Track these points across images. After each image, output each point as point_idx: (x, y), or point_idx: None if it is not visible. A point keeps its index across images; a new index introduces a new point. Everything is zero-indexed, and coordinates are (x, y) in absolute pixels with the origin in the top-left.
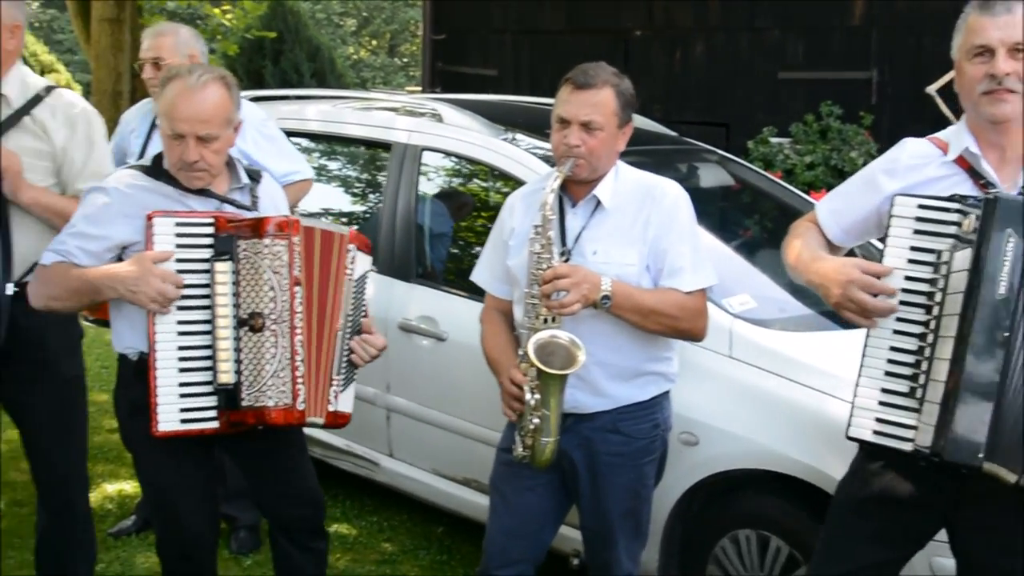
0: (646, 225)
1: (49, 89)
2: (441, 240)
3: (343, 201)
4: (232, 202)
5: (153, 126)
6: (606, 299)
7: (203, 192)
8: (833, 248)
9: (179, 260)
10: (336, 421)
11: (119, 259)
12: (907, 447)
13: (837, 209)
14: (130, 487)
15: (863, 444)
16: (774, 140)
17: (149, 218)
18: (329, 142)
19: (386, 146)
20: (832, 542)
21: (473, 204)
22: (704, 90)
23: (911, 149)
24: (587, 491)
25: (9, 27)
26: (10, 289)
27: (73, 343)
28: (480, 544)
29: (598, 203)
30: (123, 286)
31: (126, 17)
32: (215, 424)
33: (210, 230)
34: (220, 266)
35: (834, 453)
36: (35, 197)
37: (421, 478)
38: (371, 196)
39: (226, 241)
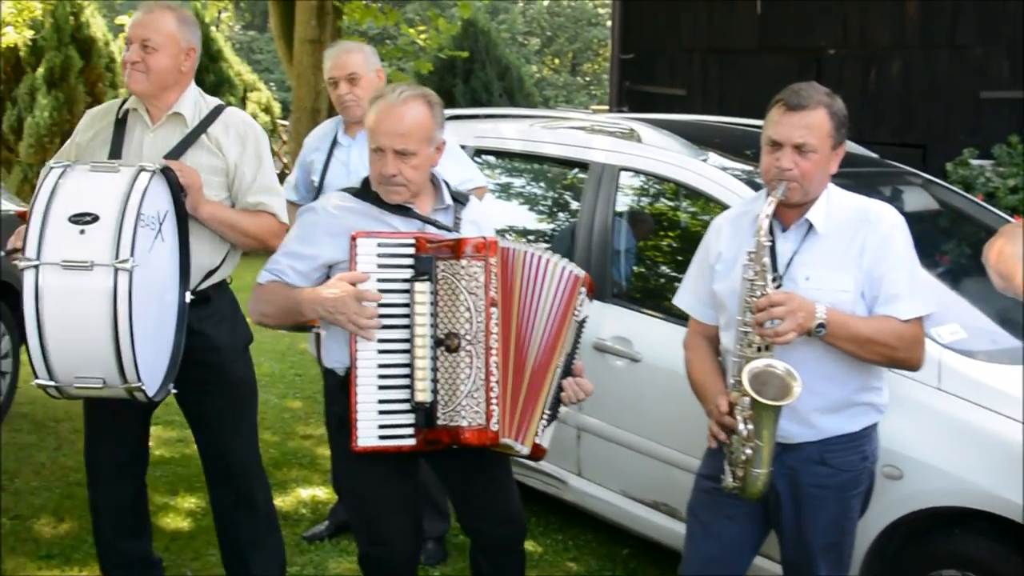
0: (862, 251)
1: (220, 108)
2: (628, 259)
3: (531, 218)
4: (433, 222)
5: (334, 144)
6: (821, 327)
7: (406, 212)
8: None
9: (380, 280)
10: (536, 454)
11: (327, 278)
12: None
13: None
14: (323, 493)
15: None
16: (975, 162)
17: (353, 238)
18: (524, 160)
19: (583, 165)
20: None
21: (653, 224)
22: (900, 110)
23: None
24: (790, 522)
25: (185, 50)
26: (188, 297)
27: (242, 347)
28: (665, 568)
29: (810, 227)
30: (323, 308)
31: (327, 38)
32: (412, 441)
33: (411, 250)
34: (419, 286)
35: None
36: (212, 212)
37: (609, 499)
38: (562, 214)
39: (426, 262)
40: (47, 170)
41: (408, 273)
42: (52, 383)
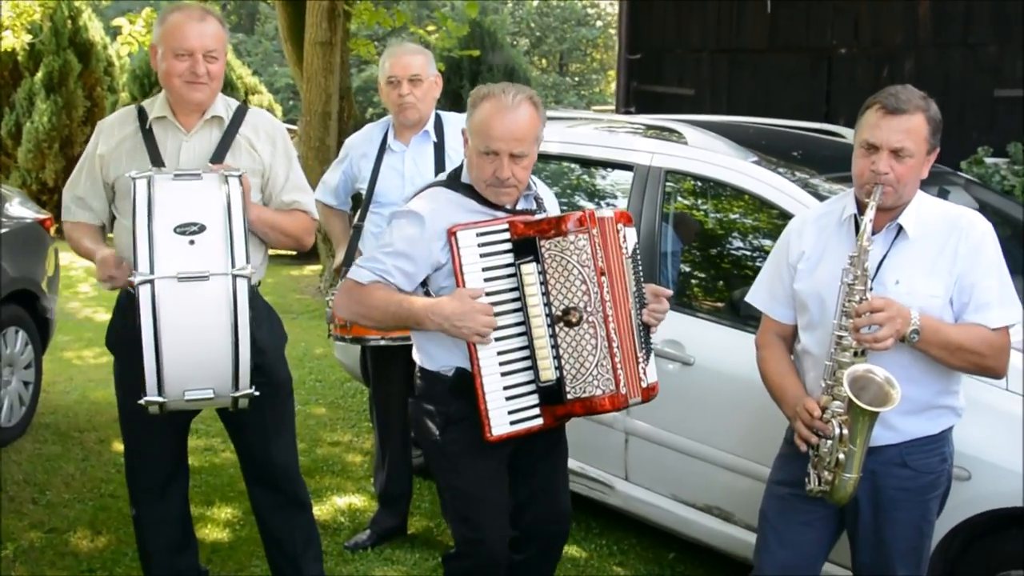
0: (954, 257)
1: (243, 108)
2: (676, 262)
3: None
4: (522, 212)
5: (382, 149)
6: (915, 333)
7: (494, 204)
8: None
9: (485, 268)
10: (650, 395)
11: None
12: None
13: None
14: (359, 500)
15: None
16: (989, 161)
17: (451, 234)
18: (564, 162)
19: (627, 167)
20: None
21: (700, 227)
22: None
23: None
24: (868, 526)
25: (225, 53)
26: None
27: (281, 347)
28: (712, 571)
29: (899, 231)
30: (447, 321)
31: (337, 40)
32: (540, 421)
33: (507, 235)
34: (526, 267)
35: None
36: (257, 214)
37: (659, 503)
38: None
39: (528, 243)
40: (130, 183)
41: (510, 257)
42: (159, 399)
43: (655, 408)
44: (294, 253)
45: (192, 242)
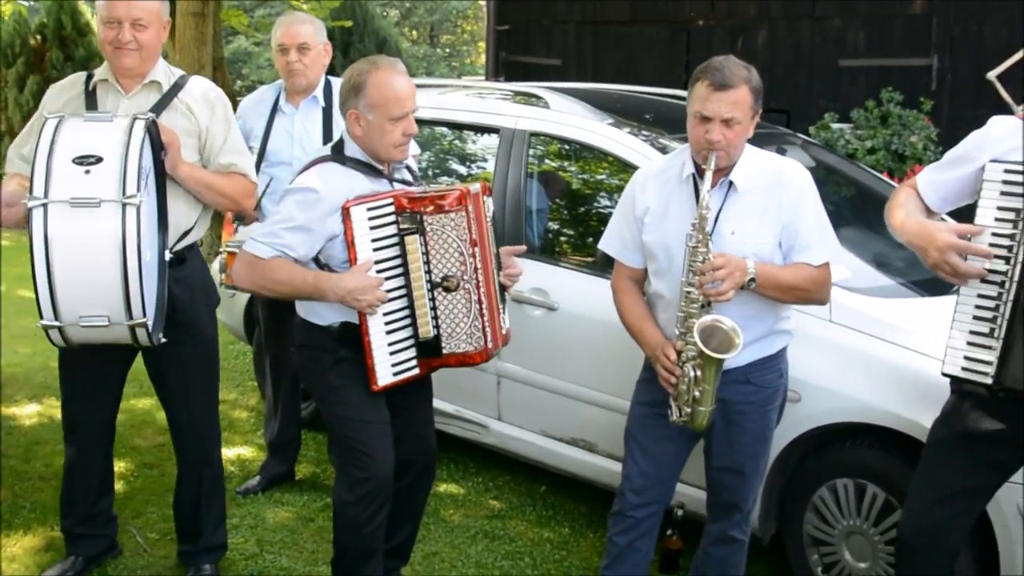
0: (779, 207)
1: (185, 77)
2: (541, 218)
3: (442, 183)
4: (401, 181)
5: (274, 112)
6: (752, 281)
7: (378, 173)
8: (930, 213)
9: (374, 240)
10: (506, 340)
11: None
12: (988, 380)
13: (935, 180)
14: (247, 452)
15: (954, 379)
16: (835, 126)
17: (345, 210)
18: (434, 127)
19: (493, 130)
20: (926, 473)
21: (565, 184)
22: (766, 78)
23: (1001, 123)
24: (721, 437)
25: (164, 23)
26: (167, 255)
27: (212, 307)
28: (579, 501)
29: (730, 186)
30: (350, 295)
31: (209, 11)
32: (417, 371)
33: (391, 209)
34: (410, 239)
35: (926, 405)
36: (190, 172)
37: (529, 439)
38: (474, 177)
39: (413, 217)
40: (42, 121)
41: (394, 228)
42: (56, 323)
43: (524, 351)
44: None
45: (88, 171)
